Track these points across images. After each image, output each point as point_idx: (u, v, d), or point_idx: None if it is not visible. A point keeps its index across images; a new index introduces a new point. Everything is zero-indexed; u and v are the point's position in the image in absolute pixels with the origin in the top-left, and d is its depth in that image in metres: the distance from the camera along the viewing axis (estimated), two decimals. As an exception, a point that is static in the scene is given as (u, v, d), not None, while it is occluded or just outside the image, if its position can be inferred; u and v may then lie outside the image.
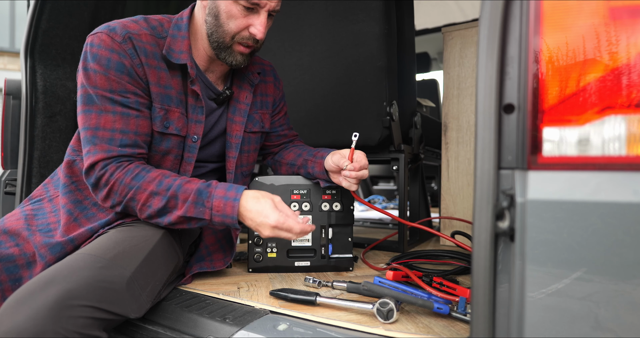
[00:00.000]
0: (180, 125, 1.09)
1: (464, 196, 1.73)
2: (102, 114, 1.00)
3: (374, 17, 1.51)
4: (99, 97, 1.00)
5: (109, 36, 1.01)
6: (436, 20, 3.59)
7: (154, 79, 1.05)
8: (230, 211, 0.97)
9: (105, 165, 0.99)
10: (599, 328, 0.57)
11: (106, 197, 1.00)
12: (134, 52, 1.02)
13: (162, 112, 1.06)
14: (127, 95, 1.01)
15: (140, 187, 0.98)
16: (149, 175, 0.99)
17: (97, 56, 1.00)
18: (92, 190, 1.02)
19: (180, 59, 1.07)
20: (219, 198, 0.97)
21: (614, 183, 0.58)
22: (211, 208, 0.97)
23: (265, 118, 1.31)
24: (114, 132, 1.00)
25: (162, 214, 0.99)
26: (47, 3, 1.67)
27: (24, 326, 0.71)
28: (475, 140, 0.64)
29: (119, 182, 0.98)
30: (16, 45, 11.04)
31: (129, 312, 0.84)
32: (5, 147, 1.70)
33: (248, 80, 1.24)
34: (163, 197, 0.97)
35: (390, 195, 3.85)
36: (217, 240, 1.25)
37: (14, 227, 1.02)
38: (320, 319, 0.88)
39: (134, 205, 0.99)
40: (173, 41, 1.08)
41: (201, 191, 0.98)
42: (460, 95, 1.73)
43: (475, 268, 0.63)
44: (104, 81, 0.99)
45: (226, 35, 1.06)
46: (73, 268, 0.81)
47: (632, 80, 0.59)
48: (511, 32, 0.64)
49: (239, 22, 1.05)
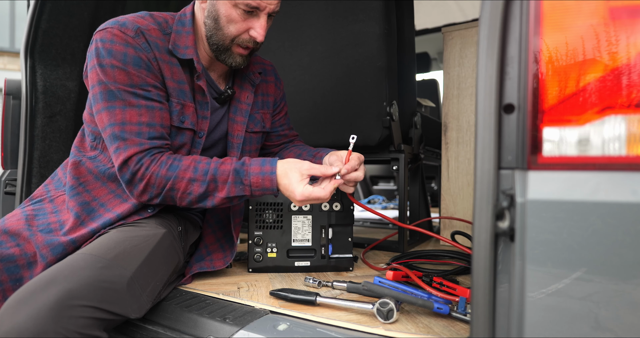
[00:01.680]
0: (194, 120, 1.10)
1: (464, 196, 1.73)
2: (127, 108, 0.99)
3: (374, 17, 1.51)
4: (121, 92, 0.99)
5: (120, 31, 1.00)
6: (436, 20, 3.59)
7: (168, 73, 1.05)
8: (269, 184, 1.01)
9: (140, 160, 0.99)
10: (599, 328, 0.57)
11: (143, 192, 1.01)
12: (148, 46, 1.02)
13: (178, 107, 1.07)
14: (149, 89, 1.01)
15: (178, 176, 0.99)
16: (183, 164, 1.00)
17: (112, 51, 0.99)
18: (127, 186, 1.02)
19: (187, 54, 1.07)
20: (255, 174, 1.00)
21: (613, 183, 0.57)
22: (250, 185, 1.00)
23: (266, 118, 1.31)
24: (141, 126, 1.00)
25: (204, 198, 1.01)
26: (47, 3, 1.67)
27: (24, 326, 0.71)
28: (475, 140, 0.64)
29: (155, 175, 0.98)
30: (16, 45, 11.04)
31: (130, 312, 0.84)
32: (5, 147, 1.70)
33: (249, 80, 1.24)
34: (202, 183, 0.99)
35: (390, 195, 3.84)
36: (216, 240, 1.25)
37: (14, 227, 1.01)
38: (320, 319, 0.88)
39: (174, 194, 1.00)
40: (178, 37, 1.08)
41: (238, 170, 1.00)
42: (460, 95, 1.73)
43: (475, 268, 0.63)
44: (123, 76, 0.99)
45: (226, 38, 1.06)
46: (74, 268, 0.81)
47: (632, 80, 0.59)
48: (511, 32, 0.64)
49: (239, 26, 1.05)
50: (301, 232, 1.26)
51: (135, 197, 1.03)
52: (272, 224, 1.25)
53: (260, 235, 1.24)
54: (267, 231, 1.25)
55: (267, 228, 1.25)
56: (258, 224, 1.24)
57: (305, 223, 1.26)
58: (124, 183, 1.01)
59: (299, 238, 1.26)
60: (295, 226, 1.25)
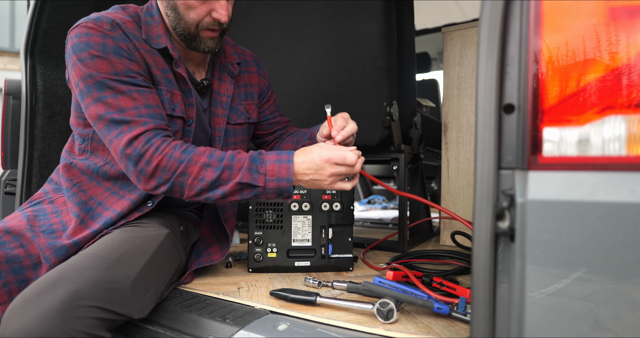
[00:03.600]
0: (183, 108, 1.08)
1: (464, 196, 1.73)
2: (119, 95, 0.95)
3: (374, 17, 1.51)
4: (107, 81, 0.95)
5: (95, 24, 0.98)
6: (436, 20, 3.59)
7: (152, 61, 1.03)
8: (286, 173, 0.94)
9: (149, 140, 0.92)
10: (599, 328, 0.57)
11: (152, 176, 0.93)
12: (126, 37, 0.99)
13: (168, 95, 1.05)
14: (134, 75, 0.98)
15: (192, 159, 0.93)
16: (198, 149, 0.95)
17: (90, 43, 0.96)
18: (133, 169, 0.93)
19: (160, 44, 1.05)
20: (272, 162, 0.95)
21: (613, 183, 0.57)
22: (265, 173, 0.94)
23: (251, 109, 1.29)
24: (139, 109, 0.95)
25: (215, 187, 0.94)
26: (47, 3, 1.67)
27: (32, 327, 0.71)
28: (475, 140, 0.64)
29: (168, 157, 0.92)
30: (16, 45, 11.04)
31: (133, 312, 0.84)
32: (5, 147, 1.70)
33: (228, 72, 1.22)
34: (216, 169, 0.93)
35: (390, 195, 3.84)
36: (212, 233, 1.25)
37: (16, 228, 1.01)
38: (320, 319, 0.88)
39: (184, 180, 0.93)
40: (148, 28, 1.06)
41: (254, 157, 0.95)
42: (460, 95, 1.73)
43: (475, 268, 0.63)
44: (106, 65, 0.95)
45: (189, 26, 1.04)
46: (79, 269, 0.81)
47: (632, 80, 0.58)
48: (511, 32, 0.64)
49: (199, 11, 1.02)
50: (301, 232, 1.26)
51: (141, 182, 0.94)
52: (272, 224, 1.25)
53: (261, 235, 1.24)
54: (267, 231, 1.25)
55: (267, 228, 1.25)
56: (258, 224, 1.24)
57: (305, 223, 1.26)
58: (130, 166, 0.93)
59: (299, 238, 1.26)
60: (295, 226, 1.25)
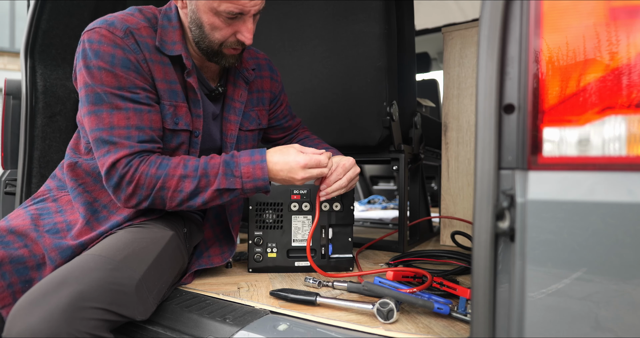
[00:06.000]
0: (188, 120, 1.08)
1: (464, 196, 1.73)
2: (115, 112, 0.96)
3: (374, 17, 1.51)
4: (108, 95, 0.96)
5: (109, 31, 0.97)
6: (436, 20, 3.59)
7: (159, 74, 1.02)
8: (261, 173, 0.98)
9: (129, 162, 0.96)
10: (599, 328, 0.57)
11: (131, 195, 0.97)
12: (137, 48, 0.99)
13: (171, 109, 1.04)
14: (137, 91, 0.98)
15: (168, 174, 0.96)
16: (172, 162, 0.98)
17: (100, 53, 0.96)
18: (114, 191, 0.97)
19: (174, 51, 1.04)
20: (246, 164, 0.98)
21: (613, 183, 0.57)
22: (241, 176, 0.98)
23: (262, 114, 1.29)
24: (130, 129, 0.97)
25: (195, 196, 0.98)
26: (47, 3, 1.67)
27: (38, 327, 0.71)
28: (475, 140, 0.64)
29: (145, 175, 0.95)
30: (16, 45, 11.04)
31: (136, 314, 0.84)
32: (5, 147, 1.70)
33: (243, 77, 1.21)
34: (193, 179, 0.97)
35: (390, 195, 3.84)
36: (214, 236, 1.24)
37: (20, 227, 0.99)
38: (321, 319, 0.88)
39: (164, 194, 0.97)
40: (164, 32, 1.05)
41: (228, 162, 0.99)
42: (460, 95, 1.73)
43: (475, 268, 0.63)
44: (110, 78, 0.96)
45: (213, 44, 1.04)
46: (84, 270, 0.80)
47: (632, 80, 0.58)
48: (511, 32, 0.64)
49: (224, 32, 1.02)
50: (301, 232, 1.26)
51: (122, 201, 0.98)
52: (272, 224, 1.25)
53: (260, 235, 1.24)
54: (267, 231, 1.25)
55: (267, 229, 1.25)
56: (258, 224, 1.24)
57: (305, 223, 1.26)
58: (111, 187, 0.97)
59: (299, 238, 1.26)
60: (295, 226, 1.25)
